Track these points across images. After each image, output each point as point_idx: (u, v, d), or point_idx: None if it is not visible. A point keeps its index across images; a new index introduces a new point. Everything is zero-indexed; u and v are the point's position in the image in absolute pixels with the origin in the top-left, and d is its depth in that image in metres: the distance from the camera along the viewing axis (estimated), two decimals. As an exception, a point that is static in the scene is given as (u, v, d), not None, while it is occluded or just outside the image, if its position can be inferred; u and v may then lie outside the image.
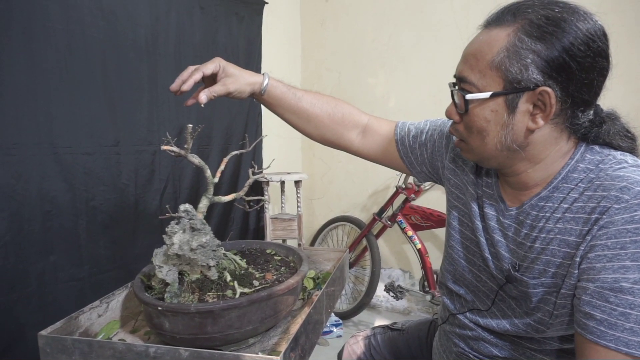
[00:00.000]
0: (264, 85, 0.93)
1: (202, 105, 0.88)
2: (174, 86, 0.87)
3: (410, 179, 2.37)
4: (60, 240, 1.37)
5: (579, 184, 0.69)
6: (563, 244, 0.69)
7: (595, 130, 0.70)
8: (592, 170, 0.69)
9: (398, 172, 2.39)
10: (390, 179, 2.75)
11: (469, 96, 0.70)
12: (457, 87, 0.74)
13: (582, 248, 0.66)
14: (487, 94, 0.68)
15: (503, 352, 0.83)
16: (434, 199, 2.59)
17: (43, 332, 0.68)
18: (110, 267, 1.53)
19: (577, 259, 0.66)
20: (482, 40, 0.70)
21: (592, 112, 0.69)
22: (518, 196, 0.77)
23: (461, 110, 0.73)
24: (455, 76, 0.75)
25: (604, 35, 0.65)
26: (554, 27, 0.63)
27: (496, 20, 0.70)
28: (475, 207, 0.84)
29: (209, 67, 0.87)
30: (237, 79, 0.89)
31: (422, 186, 2.38)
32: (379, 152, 1.01)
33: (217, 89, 0.88)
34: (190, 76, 0.87)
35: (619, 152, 0.70)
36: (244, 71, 0.91)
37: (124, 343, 0.67)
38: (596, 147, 0.71)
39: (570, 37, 0.63)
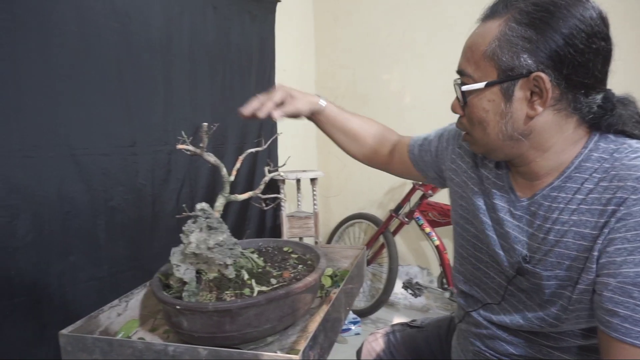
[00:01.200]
0: (323, 105, 1.02)
1: (275, 120, 0.95)
2: (246, 111, 0.90)
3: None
4: (80, 240, 1.38)
5: (594, 174, 0.67)
6: (578, 237, 0.67)
7: (607, 117, 0.68)
8: (607, 160, 0.67)
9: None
10: (406, 175, 2.72)
11: (464, 87, 0.72)
12: (455, 82, 0.75)
13: (600, 242, 0.64)
14: (481, 84, 0.69)
15: (519, 349, 0.81)
16: (451, 195, 2.56)
17: (64, 331, 0.69)
18: (129, 266, 1.54)
19: (595, 253, 0.65)
20: (477, 33, 0.72)
21: (600, 97, 0.67)
22: (530, 186, 0.76)
23: (461, 102, 0.74)
24: (457, 71, 0.75)
25: (600, 17, 0.64)
26: (543, 13, 0.64)
27: (490, 13, 0.71)
28: (480, 203, 0.83)
29: (277, 96, 0.93)
30: (301, 100, 0.97)
31: (439, 182, 2.35)
32: (403, 167, 1.06)
33: (288, 109, 0.94)
34: (263, 106, 0.91)
35: (634, 141, 0.68)
36: (304, 93, 0.99)
37: (143, 342, 0.67)
38: (610, 136, 0.69)
39: (559, 21, 0.63)
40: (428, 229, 2.37)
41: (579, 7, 0.63)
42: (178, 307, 0.68)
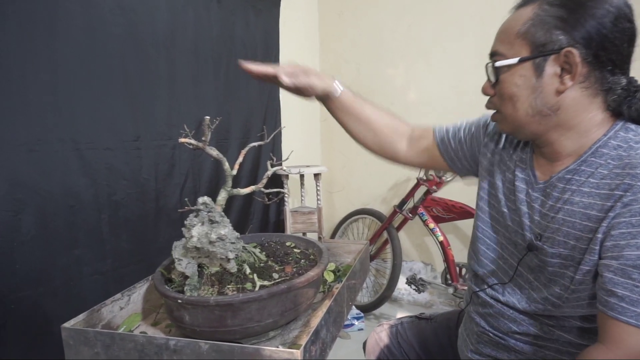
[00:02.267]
0: (340, 89, 0.99)
1: (283, 81, 0.92)
2: (253, 67, 0.94)
3: (432, 170, 2.33)
4: (84, 234, 1.39)
5: (609, 161, 0.70)
6: (585, 218, 0.70)
7: (630, 99, 0.71)
8: (624, 148, 0.70)
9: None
10: (410, 170, 2.71)
11: (498, 63, 0.75)
12: (488, 63, 0.79)
13: (605, 225, 0.67)
14: (515, 60, 0.73)
15: (522, 327, 0.83)
16: (456, 190, 2.54)
17: (66, 325, 0.69)
18: (133, 260, 1.55)
19: (599, 235, 0.68)
20: (510, 18, 0.76)
21: (624, 79, 0.71)
22: (549, 167, 0.79)
23: (493, 80, 0.78)
24: (489, 54, 0.80)
25: (626, 3, 0.70)
26: None
27: (523, 2, 0.75)
28: (499, 183, 0.88)
29: (289, 68, 0.94)
30: (316, 77, 0.95)
31: (443, 177, 2.33)
32: (424, 157, 1.05)
33: (300, 80, 0.93)
34: (273, 67, 0.93)
35: None
36: (322, 73, 0.98)
37: (144, 335, 0.67)
38: (632, 126, 0.72)
39: (590, 1, 0.68)
40: (432, 225, 2.36)
41: None
42: (180, 301, 0.68)
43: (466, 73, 2.46)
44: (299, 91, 0.95)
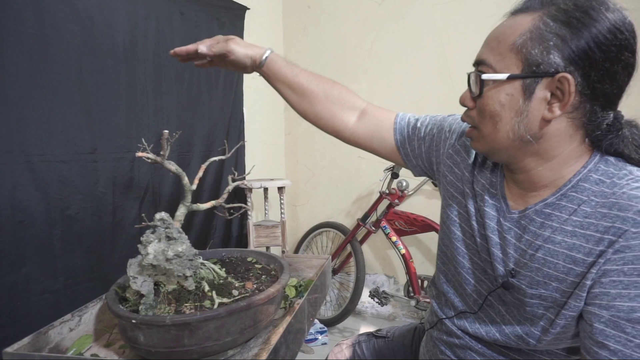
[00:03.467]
0: (264, 57, 0.94)
1: (200, 50, 0.92)
2: (173, 50, 0.93)
3: (394, 184, 2.37)
4: (34, 251, 1.32)
5: (592, 197, 0.66)
6: (569, 260, 0.66)
7: (611, 137, 0.67)
8: (607, 184, 0.65)
9: (381, 178, 2.40)
10: (373, 184, 2.74)
11: (485, 76, 0.68)
12: (472, 71, 0.72)
13: (594, 271, 0.63)
14: (504, 75, 0.66)
15: None
16: (417, 204, 2.60)
17: (9, 349, 0.65)
18: (87, 277, 1.48)
19: (588, 282, 0.63)
20: (506, 25, 0.68)
21: (611, 115, 0.66)
22: (524, 197, 0.74)
23: (475, 93, 0.70)
24: (474, 61, 0.72)
25: (632, 29, 0.63)
26: (581, 14, 0.62)
27: (523, 8, 0.68)
28: (470, 207, 0.82)
29: (206, 41, 0.92)
30: (238, 44, 0.92)
31: (405, 191, 2.38)
32: (375, 138, 0.97)
33: (218, 46, 0.92)
34: (187, 47, 0.92)
35: (635, 168, 0.67)
36: (248, 45, 0.95)
37: (95, 358, 0.64)
38: (611, 159, 0.68)
39: (597, 24, 0.61)
40: (394, 238, 2.39)
41: (616, 15, 0.62)
42: (134, 321, 0.66)
43: (426, 88, 2.53)
44: (228, 62, 0.93)
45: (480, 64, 0.70)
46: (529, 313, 0.72)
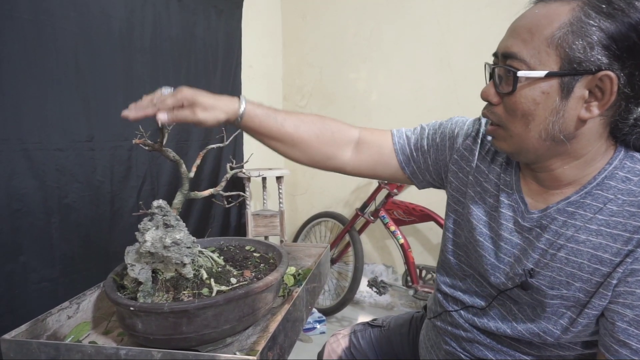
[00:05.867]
0: (240, 112, 0.81)
1: (159, 125, 0.78)
2: (131, 114, 0.78)
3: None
4: (31, 240, 1.31)
5: (619, 195, 0.63)
6: (595, 260, 0.63)
7: (638, 132, 0.64)
8: (634, 182, 0.63)
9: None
10: (372, 174, 2.74)
11: (520, 73, 0.62)
12: (500, 65, 0.66)
13: (621, 270, 0.61)
14: (542, 73, 0.60)
15: (499, 355, 0.78)
16: (416, 193, 2.58)
17: (6, 336, 0.65)
18: (85, 266, 1.48)
19: (614, 281, 0.62)
20: (539, 14, 0.62)
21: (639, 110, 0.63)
22: (543, 195, 0.71)
23: (507, 90, 0.65)
24: (498, 53, 0.67)
25: None
26: (626, 5, 0.57)
27: None
28: (479, 211, 0.78)
29: (167, 103, 0.76)
30: (208, 109, 0.79)
31: (404, 181, 2.37)
32: (378, 165, 0.91)
33: (183, 115, 0.77)
34: (143, 111, 0.77)
35: None
36: (218, 99, 0.80)
37: (93, 345, 0.64)
38: (637, 155, 0.65)
39: None
40: (393, 228, 2.39)
41: None
42: (132, 308, 0.66)
43: (425, 77, 2.52)
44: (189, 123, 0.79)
45: (509, 57, 0.64)
46: (549, 313, 0.69)
